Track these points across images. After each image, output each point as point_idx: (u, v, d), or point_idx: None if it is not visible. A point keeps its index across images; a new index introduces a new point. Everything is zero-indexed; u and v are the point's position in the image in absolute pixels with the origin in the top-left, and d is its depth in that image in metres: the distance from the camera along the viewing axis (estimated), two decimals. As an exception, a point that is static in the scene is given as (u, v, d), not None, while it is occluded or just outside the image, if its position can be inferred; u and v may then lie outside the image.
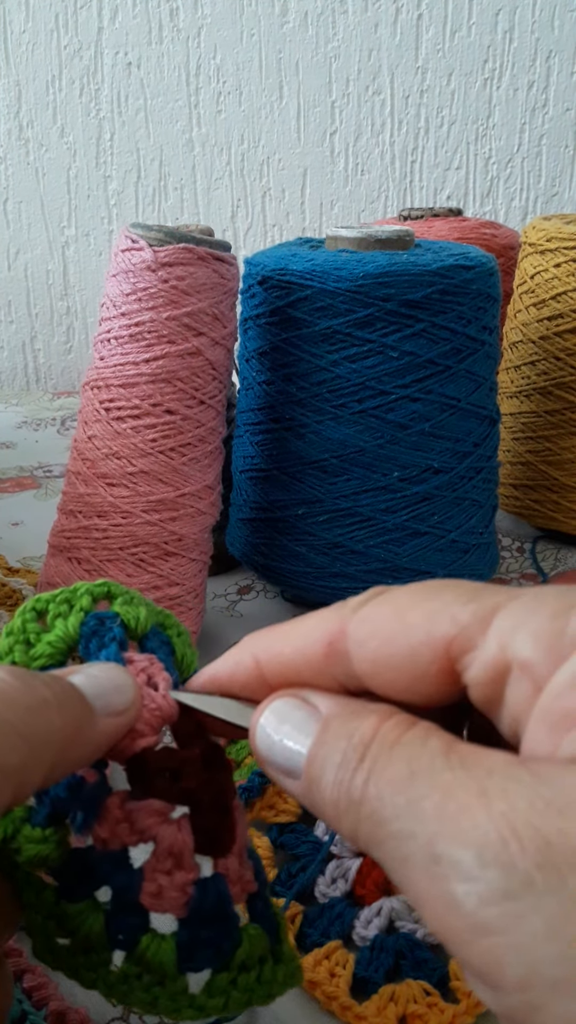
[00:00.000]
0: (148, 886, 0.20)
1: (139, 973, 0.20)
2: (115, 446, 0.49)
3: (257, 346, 0.56)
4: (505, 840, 0.14)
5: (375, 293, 0.50)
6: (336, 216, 1.15)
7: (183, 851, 0.20)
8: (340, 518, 0.53)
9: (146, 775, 0.21)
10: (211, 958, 0.20)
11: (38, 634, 0.22)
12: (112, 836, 0.20)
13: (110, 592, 0.23)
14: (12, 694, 0.19)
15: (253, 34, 1.08)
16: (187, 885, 0.20)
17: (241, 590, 0.63)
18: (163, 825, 0.20)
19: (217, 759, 0.22)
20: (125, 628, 0.23)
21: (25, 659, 0.22)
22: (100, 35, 1.09)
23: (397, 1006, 0.32)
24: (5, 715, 0.18)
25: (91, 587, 0.23)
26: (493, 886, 0.14)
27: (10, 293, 1.20)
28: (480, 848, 0.14)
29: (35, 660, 0.22)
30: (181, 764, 0.21)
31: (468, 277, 0.51)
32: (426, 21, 1.07)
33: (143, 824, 0.20)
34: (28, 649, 0.22)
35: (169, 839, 0.20)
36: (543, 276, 0.65)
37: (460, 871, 0.14)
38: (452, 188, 1.13)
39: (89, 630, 0.22)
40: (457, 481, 0.54)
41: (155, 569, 0.50)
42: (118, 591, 0.23)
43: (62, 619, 0.22)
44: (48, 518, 0.57)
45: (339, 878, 0.37)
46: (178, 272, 0.48)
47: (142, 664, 0.22)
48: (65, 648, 0.22)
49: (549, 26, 1.06)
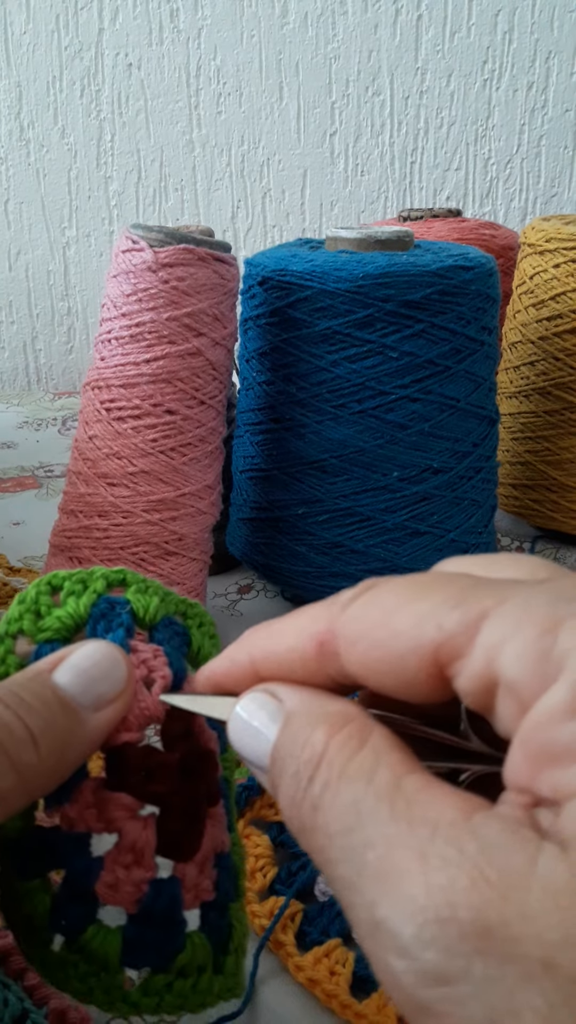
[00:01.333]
0: (106, 876, 0.20)
1: (77, 961, 0.20)
2: (116, 446, 0.50)
3: (257, 346, 0.56)
4: (443, 921, 0.13)
5: (375, 294, 0.50)
6: (336, 217, 1.15)
7: (145, 849, 0.20)
8: (340, 518, 0.54)
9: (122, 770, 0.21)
10: (152, 958, 0.20)
11: (49, 607, 0.23)
12: (79, 819, 0.20)
13: (125, 579, 0.23)
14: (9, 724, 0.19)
15: (253, 35, 1.08)
16: (143, 882, 0.20)
17: (241, 589, 0.63)
18: (130, 820, 0.20)
19: (198, 767, 0.22)
20: (134, 616, 0.23)
21: (32, 629, 0.22)
22: (101, 36, 1.09)
23: (396, 1003, 0.32)
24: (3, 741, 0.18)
25: (107, 572, 0.23)
26: (431, 968, 0.14)
27: (11, 293, 1.20)
28: (419, 926, 0.14)
29: (42, 632, 0.22)
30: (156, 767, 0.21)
31: (467, 278, 0.51)
32: (426, 22, 1.07)
33: (111, 815, 0.20)
34: (37, 620, 0.22)
35: (133, 835, 0.20)
36: (542, 277, 0.65)
37: (399, 946, 0.14)
38: (452, 189, 1.13)
39: (98, 612, 0.22)
40: (456, 481, 0.54)
41: (155, 569, 0.50)
42: (133, 579, 0.24)
43: (74, 597, 0.23)
44: (49, 518, 0.57)
45: (339, 876, 0.37)
46: (178, 273, 0.49)
47: (145, 655, 0.22)
48: (72, 625, 0.22)
49: (548, 27, 1.06)
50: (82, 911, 0.20)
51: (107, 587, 0.23)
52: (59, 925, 0.20)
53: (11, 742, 0.19)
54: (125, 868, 0.20)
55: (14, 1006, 0.31)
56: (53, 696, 0.20)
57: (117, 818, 0.20)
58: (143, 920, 0.20)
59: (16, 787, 0.19)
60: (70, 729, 0.20)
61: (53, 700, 0.20)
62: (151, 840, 0.20)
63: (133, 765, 0.21)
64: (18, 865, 0.21)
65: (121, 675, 0.21)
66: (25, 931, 0.20)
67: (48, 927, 0.20)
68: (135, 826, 0.20)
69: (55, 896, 0.20)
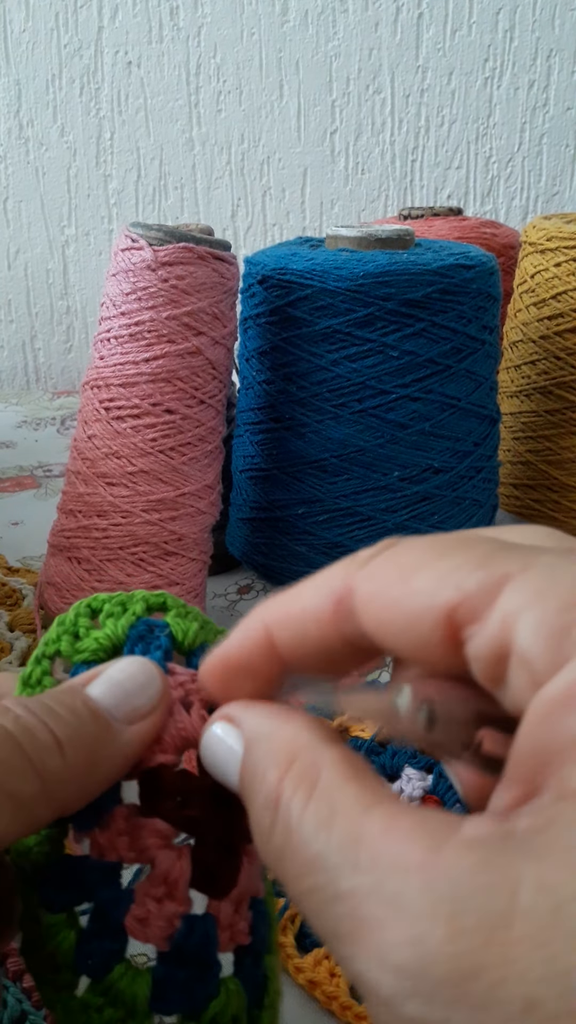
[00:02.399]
0: (136, 909, 0.19)
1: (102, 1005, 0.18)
2: (115, 445, 0.49)
3: (257, 345, 0.56)
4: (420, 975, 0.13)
5: (375, 292, 0.50)
6: (336, 215, 1.15)
7: (178, 880, 0.19)
8: (340, 518, 0.53)
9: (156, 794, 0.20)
10: (184, 1002, 0.19)
11: (87, 629, 0.22)
12: (110, 847, 0.19)
13: (166, 603, 0.23)
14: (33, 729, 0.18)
15: (253, 33, 1.08)
16: (175, 917, 0.19)
17: (241, 590, 0.63)
18: (163, 849, 0.19)
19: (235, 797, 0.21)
20: (173, 640, 0.22)
21: (70, 650, 0.22)
22: (100, 34, 1.09)
23: (397, 1006, 0.32)
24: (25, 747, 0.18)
25: (148, 595, 0.23)
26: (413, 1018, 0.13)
27: (10, 292, 1.20)
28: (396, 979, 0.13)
29: (79, 653, 0.22)
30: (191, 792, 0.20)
31: (468, 276, 0.51)
32: (427, 20, 1.07)
33: (144, 842, 0.19)
34: (75, 642, 0.22)
35: (166, 864, 0.19)
36: (543, 275, 0.65)
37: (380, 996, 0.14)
38: (452, 187, 1.13)
39: (137, 634, 0.22)
40: (457, 481, 0.54)
41: (155, 569, 0.50)
42: (174, 603, 0.23)
43: (113, 619, 0.22)
44: (48, 518, 0.57)
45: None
46: (178, 271, 0.48)
47: (183, 678, 0.21)
48: (110, 647, 0.22)
49: (550, 25, 1.06)
50: (109, 948, 0.19)
51: (147, 610, 0.23)
52: (85, 964, 0.19)
53: (33, 746, 0.18)
54: (157, 901, 0.19)
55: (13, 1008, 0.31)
56: (83, 706, 0.19)
57: (150, 846, 0.19)
58: (175, 959, 0.19)
59: (40, 794, 0.18)
60: (100, 739, 0.19)
61: (83, 709, 0.19)
62: (185, 871, 0.19)
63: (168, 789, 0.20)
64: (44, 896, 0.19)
65: (156, 690, 0.20)
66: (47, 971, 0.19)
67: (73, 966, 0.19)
68: (168, 856, 0.19)
69: (81, 932, 0.19)
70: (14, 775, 0.18)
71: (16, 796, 0.17)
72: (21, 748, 0.18)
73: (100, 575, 0.50)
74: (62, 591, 0.52)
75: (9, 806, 0.17)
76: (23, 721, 0.18)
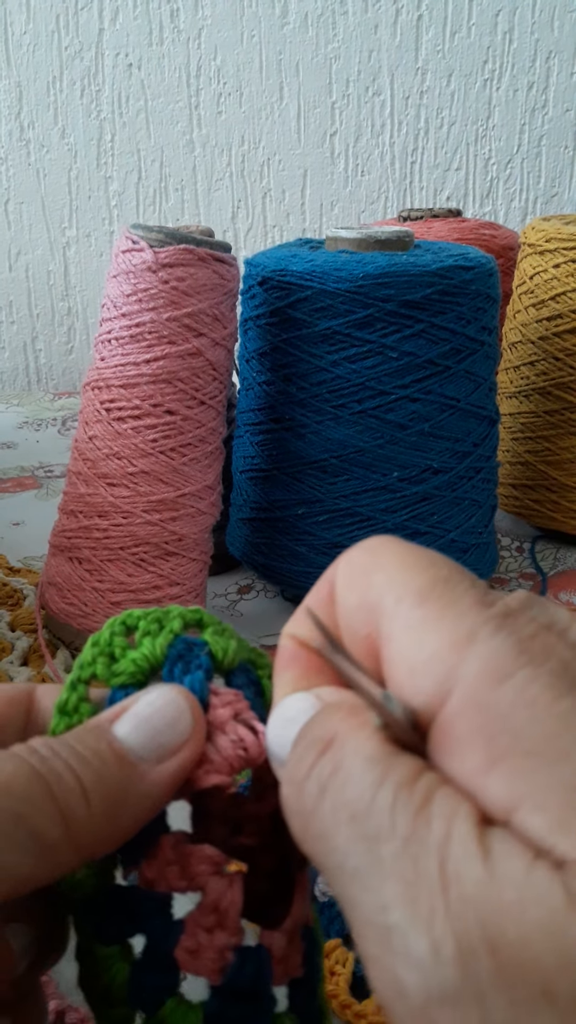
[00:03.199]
0: (186, 940, 0.18)
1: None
2: (116, 446, 0.50)
3: (257, 346, 0.56)
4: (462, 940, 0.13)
5: (375, 294, 0.50)
6: (336, 217, 1.15)
7: (229, 909, 0.18)
8: (340, 518, 0.54)
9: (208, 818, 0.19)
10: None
11: (124, 649, 0.21)
12: (159, 878, 0.19)
13: (202, 620, 0.22)
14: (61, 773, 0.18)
15: (253, 35, 1.08)
16: (227, 949, 0.18)
17: (241, 590, 0.63)
18: (214, 876, 0.19)
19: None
20: (212, 658, 0.21)
21: (106, 673, 0.21)
22: (101, 36, 1.09)
23: (396, 1003, 0.32)
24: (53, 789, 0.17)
25: (184, 611, 0.22)
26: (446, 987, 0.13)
27: (11, 294, 1.20)
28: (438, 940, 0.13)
29: (116, 676, 0.21)
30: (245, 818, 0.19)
31: (467, 278, 0.51)
32: (426, 22, 1.07)
33: (194, 870, 0.19)
34: (111, 663, 0.21)
35: (217, 893, 0.18)
36: (542, 277, 0.65)
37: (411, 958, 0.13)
38: (452, 189, 1.13)
39: (176, 653, 0.21)
40: (456, 481, 0.54)
41: (155, 569, 0.51)
42: (210, 620, 0.22)
43: (150, 638, 0.21)
44: (49, 518, 0.57)
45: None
46: (178, 273, 0.49)
47: (228, 698, 0.20)
48: (148, 668, 0.21)
49: (549, 27, 1.06)
50: (161, 981, 0.18)
51: (184, 627, 0.22)
52: (138, 998, 0.18)
53: (61, 790, 0.18)
54: (207, 931, 0.18)
55: None
56: (108, 748, 0.19)
57: (200, 873, 0.19)
58: (227, 993, 0.18)
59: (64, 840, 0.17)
60: (125, 783, 0.18)
61: (108, 752, 0.19)
62: (236, 900, 0.18)
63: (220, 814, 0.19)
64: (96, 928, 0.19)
65: (187, 724, 0.19)
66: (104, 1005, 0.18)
67: (127, 1000, 0.18)
68: (219, 884, 0.18)
69: (135, 965, 0.18)
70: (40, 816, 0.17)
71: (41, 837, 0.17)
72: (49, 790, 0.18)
73: (101, 575, 0.50)
74: (63, 591, 0.52)
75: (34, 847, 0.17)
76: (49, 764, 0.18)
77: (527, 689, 0.14)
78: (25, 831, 0.17)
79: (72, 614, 0.51)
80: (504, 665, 0.15)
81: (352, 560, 0.19)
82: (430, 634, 0.16)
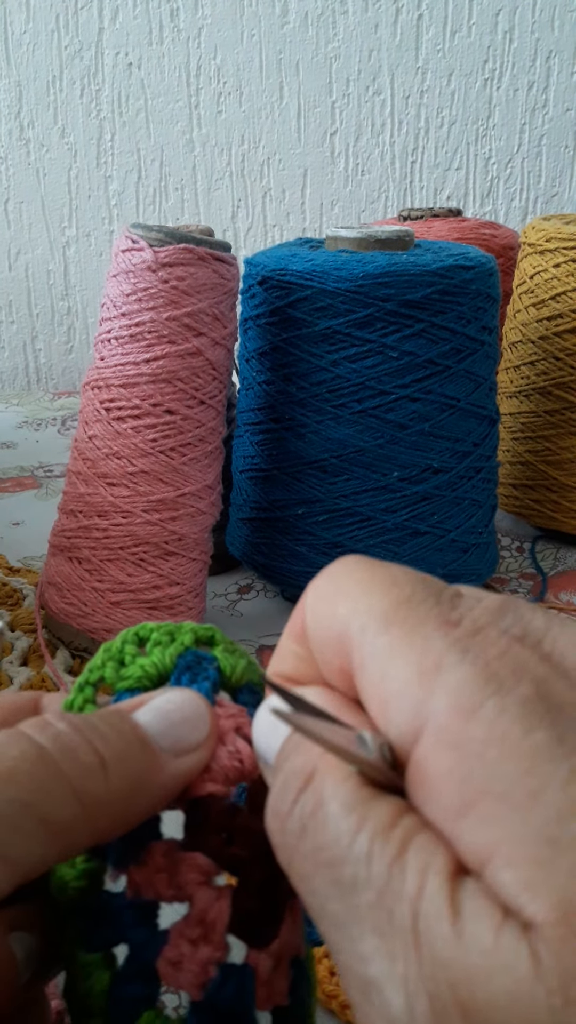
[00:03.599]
0: (169, 951, 0.17)
1: None
2: (115, 446, 0.50)
3: (257, 346, 0.56)
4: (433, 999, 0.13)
5: (375, 293, 0.50)
6: (336, 216, 1.15)
7: (216, 922, 0.18)
8: (340, 518, 0.54)
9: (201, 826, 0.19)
10: None
11: (133, 656, 0.22)
12: (147, 884, 0.18)
13: (214, 637, 0.23)
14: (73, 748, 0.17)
15: (253, 34, 1.08)
16: (210, 964, 0.17)
17: (241, 590, 0.63)
18: (202, 887, 0.18)
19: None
20: (221, 674, 0.22)
21: (114, 677, 0.21)
22: (101, 35, 1.09)
23: (396, 1004, 0.32)
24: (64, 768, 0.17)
25: (196, 627, 0.23)
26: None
27: (11, 293, 1.20)
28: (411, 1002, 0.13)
29: (123, 680, 0.21)
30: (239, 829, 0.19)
31: (468, 277, 0.51)
32: (426, 21, 1.07)
33: (183, 878, 0.18)
34: (120, 668, 0.21)
35: (205, 903, 0.18)
36: (543, 276, 0.65)
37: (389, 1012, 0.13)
38: (452, 188, 1.13)
39: (185, 663, 0.21)
40: (457, 481, 0.54)
41: (155, 569, 0.50)
42: (221, 638, 0.23)
43: (160, 648, 0.22)
44: (49, 518, 0.57)
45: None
46: (178, 272, 0.49)
47: (232, 711, 0.20)
48: (156, 675, 0.21)
49: (549, 26, 1.06)
50: (140, 992, 0.17)
51: (195, 641, 0.22)
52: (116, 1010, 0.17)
53: (75, 770, 0.17)
54: (191, 943, 0.18)
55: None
56: (131, 730, 0.19)
57: (189, 882, 0.18)
58: (208, 1011, 0.17)
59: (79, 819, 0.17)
60: (146, 767, 0.18)
61: (131, 733, 0.19)
62: (224, 913, 0.18)
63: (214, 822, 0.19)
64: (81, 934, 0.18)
65: (205, 724, 0.19)
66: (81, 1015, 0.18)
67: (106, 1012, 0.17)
68: (208, 895, 0.18)
69: (116, 975, 0.18)
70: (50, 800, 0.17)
71: (51, 822, 0.17)
72: (59, 770, 0.17)
73: (101, 575, 0.50)
74: (63, 591, 0.52)
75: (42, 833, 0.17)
76: (65, 739, 0.18)
77: (496, 723, 0.14)
78: (34, 819, 0.17)
79: (72, 614, 0.51)
80: (471, 696, 0.14)
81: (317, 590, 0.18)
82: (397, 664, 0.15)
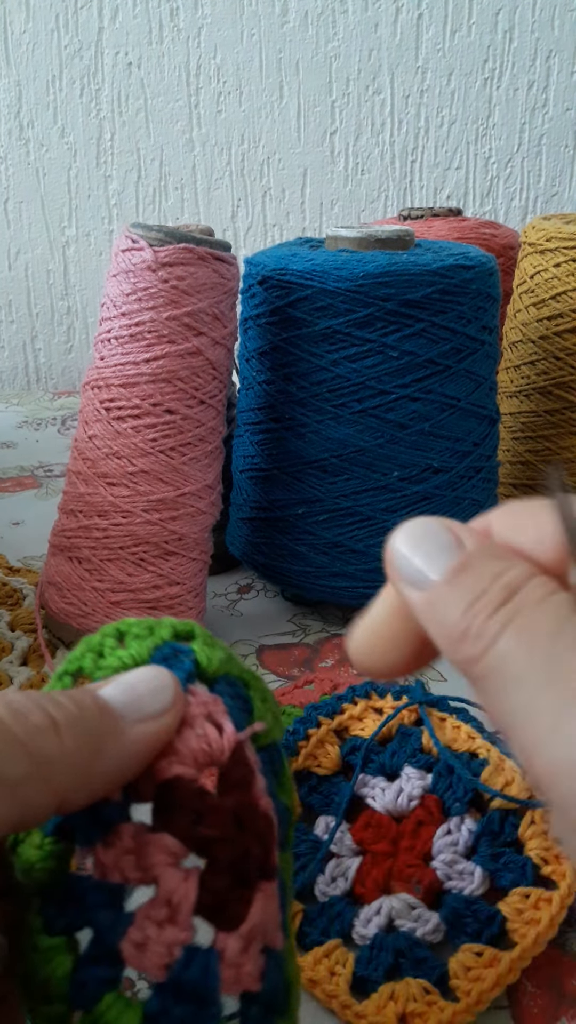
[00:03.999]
0: (134, 933, 0.17)
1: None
2: (115, 446, 0.50)
3: (257, 346, 0.56)
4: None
5: (375, 293, 0.50)
6: (336, 216, 1.15)
7: (182, 904, 0.18)
8: (340, 518, 0.54)
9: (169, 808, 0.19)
10: None
11: (112, 649, 0.22)
12: (113, 866, 0.18)
13: (193, 632, 0.23)
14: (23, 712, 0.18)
15: (253, 34, 1.08)
16: (175, 945, 0.17)
17: (241, 589, 0.63)
18: (170, 868, 0.18)
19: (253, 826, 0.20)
20: (197, 665, 0.22)
21: (92, 667, 0.22)
22: (100, 35, 1.09)
23: (397, 1004, 0.32)
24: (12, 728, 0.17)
25: (176, 622, 0.23)
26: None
27: (11, 293, 1.20)
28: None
29: (100, 670, 0.22)
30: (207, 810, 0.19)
31: (468, 277, 0.51)
32: (426, 21, 1.07)
33: (151, 860, 0.18)
34: (98, 659, 0.22)
35: (171, 885, 0.18)
36: (543, 276, 0.65)
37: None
38: (452, 188, 1.13)
39: (161, 655, 0.22)
40: (457, 480, 0.54)
41: (155, 568, 0.50)
42: (201, 633, 0.23)
43: (139, 640, 0.22)
44: (49, 517, 0.57)
45: (339, 877, 0.37)
46: (178, 272, 0.48)
47: (204, 699, 0.21)
48: (132, 666, 0.22)
49: (549, 26, 1.06)
50: (102, 975, 0.17)
51: (174, 636, 0.23)
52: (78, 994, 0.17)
53: (23, 728, 0.18)
54: (157, 925, 0.18)
55: None
56: (89, 697, 0.19)
57: (156, 864, 0.18)
58: (171, 992, 0.17)
59: (31, 776, 0.17)
60: (106, 729, 0.19)
61: (87, 699, 0.19)
62: (190, 894, 0.18)
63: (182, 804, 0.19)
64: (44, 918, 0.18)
65: (169, 695, 0.20)
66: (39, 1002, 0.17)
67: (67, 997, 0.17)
68: (175, 876, 0.18)
69: (79, 959, 0.18)
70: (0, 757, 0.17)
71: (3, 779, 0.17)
72: (8, 729, 0.18)
73: (101, 575, 0.50)
74: (63, 591, 0.52)
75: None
76: (15, 705, 0.18)
77: None
78: None
79: (72, 614, 0.51)
80: None
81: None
82: None
